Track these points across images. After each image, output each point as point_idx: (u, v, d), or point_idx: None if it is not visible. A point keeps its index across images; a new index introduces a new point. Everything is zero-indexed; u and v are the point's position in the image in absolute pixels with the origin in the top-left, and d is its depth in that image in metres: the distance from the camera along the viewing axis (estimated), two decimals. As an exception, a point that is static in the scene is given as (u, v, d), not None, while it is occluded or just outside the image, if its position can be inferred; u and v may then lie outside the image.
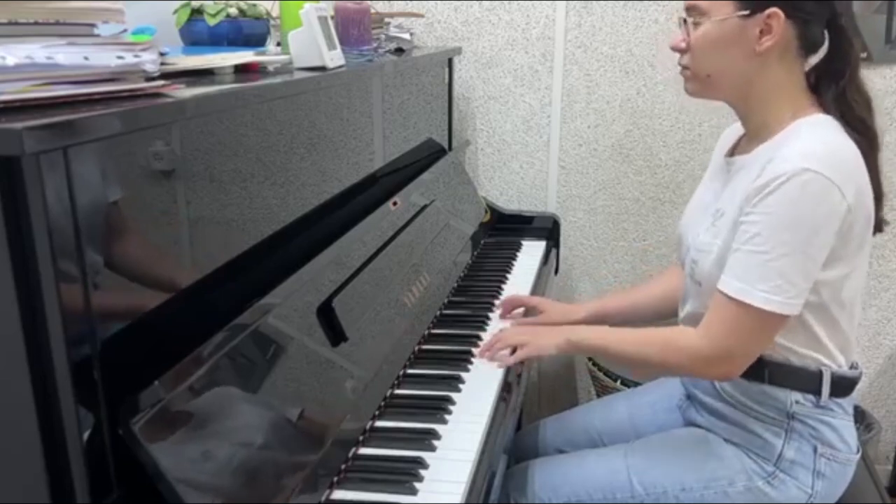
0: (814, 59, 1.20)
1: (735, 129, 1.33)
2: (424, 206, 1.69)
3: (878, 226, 1.20)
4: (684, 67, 1.21)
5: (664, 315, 1.50)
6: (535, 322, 1.54)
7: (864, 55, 1.99)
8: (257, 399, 0.96)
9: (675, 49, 1.21)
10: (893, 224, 2.12)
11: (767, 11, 1.11)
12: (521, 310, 1.60)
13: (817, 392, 1.19)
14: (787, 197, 1.07)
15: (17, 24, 0.74)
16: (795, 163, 1.07)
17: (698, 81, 1.21)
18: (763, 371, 1.20)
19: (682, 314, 1.34)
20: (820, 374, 1.19)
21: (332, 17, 1.43)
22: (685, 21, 1.19)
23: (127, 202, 0.81)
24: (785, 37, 1.13)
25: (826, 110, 1.16)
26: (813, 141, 1.11)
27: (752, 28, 1.13)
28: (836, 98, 1.16)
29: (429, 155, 1.95)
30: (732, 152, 1.29)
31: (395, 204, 1.55)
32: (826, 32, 1.17)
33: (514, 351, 1.38)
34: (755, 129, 1.22)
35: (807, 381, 1.19)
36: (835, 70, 1.17)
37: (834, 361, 1.20)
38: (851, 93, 1.16)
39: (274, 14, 1.54)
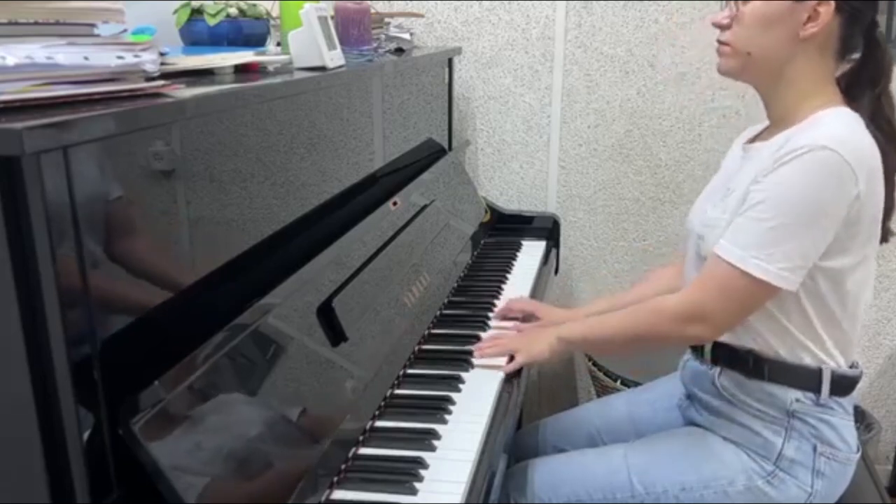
0: (843, 68, 1.21)
1: (756, 127, 1.34)
2: (424, 206, 1.69)
3: (884, 235, 1.20)
4: (723, 44, 1.22)
5: None
6: (531, 327, 1.54)
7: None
8: (257, 399, 0.96)
9: (717, 25, 1.22)
10: (892, 224, 2.13)
11: None
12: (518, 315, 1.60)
13: (817, 390, 1.19)
14: (800, 170, 1.08)
15: (17, 24, 0.74)
16: (815, 140, 1.08)
17: (737, 58, 1.20)
18: (763, 368, 1.20)
19: None
20: (819, 372, 1.19)
21: (332, 17, 1.43)
22: None
23: (127, 202, 0.81)
24: (828, 29, 1.15)
25: (857, 111, 1.17)
26: (833, 125, 1.12)
27: (801, 12, 1.14)
28: (870, 102, 1.18)
29: (429, 155, 1.95)
30: (753, 142, 1.29)
31: (395, 204, 1.56)
32: (862, 40, 1.18)
33: (511, 359, 1.38)
34: (778, 117, 1.23)
35: (806, 378, 1.19)
36: (870, 77, 1.19)
37: (832, 358, 1.20)
38: (885, 99, 1.19)
39: (274, 14, 1.54)
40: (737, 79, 1.25)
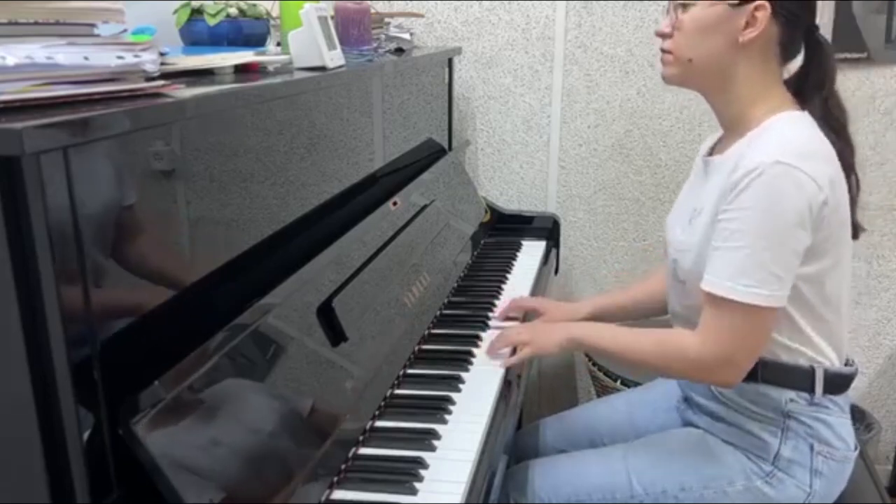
0: (790, 69, 1.22)
1: (712, 139, 1.35)
2: (424, 206, 1.69)
3: (855, 232, 1.21)
4: (665, 52, 1.23)
5: (663, 311, 1.51)
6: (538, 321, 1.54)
7: (863, 55, 2.00)
8: (257, 399, 0.96)
9: (660, 34, 1.24)
10: (892, 224, 2.13)
11: (755, 3, 1.14)
12: (519, 315, 1.59)
13: (811, 390, 1.19)
14: (762, 191, 1.08)
15: (17, 24, 0.74)
16: (768, 156, 1.08)
17: (679, 65, 1.22)
18: (756, 370, 1.20)
19: (670, 312, 1.35)
20: (812, 372, 1.19)
21: (332, 17, 1.43)
22: (674, 7, 1.21)
23: (127, 202, 0.81)
24: (767, 33, 1.16)
25: (810, 112, 1.18)
26: (785, 135, 1.13)
27: (739, 18, 1.15)
28: (819, 105, 1.19)
29: (429, 155, 1.95)
30: (711, 152, 1.30)
31: (395, 204, 1.56)
32: (804, 44, 1.20)
33: (514, 351, 1.38)
34: (729, 124, 1.24)
35: (800, 378, 1.20)
36: (816, 80, 1.20)
37: (825, 357, 1.20)
38: (833, 103, 1.19)
39: (274, 14, 1.54)
40: (682, 86, 1.27)
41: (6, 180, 0.64)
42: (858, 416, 2.13)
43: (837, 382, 1.21)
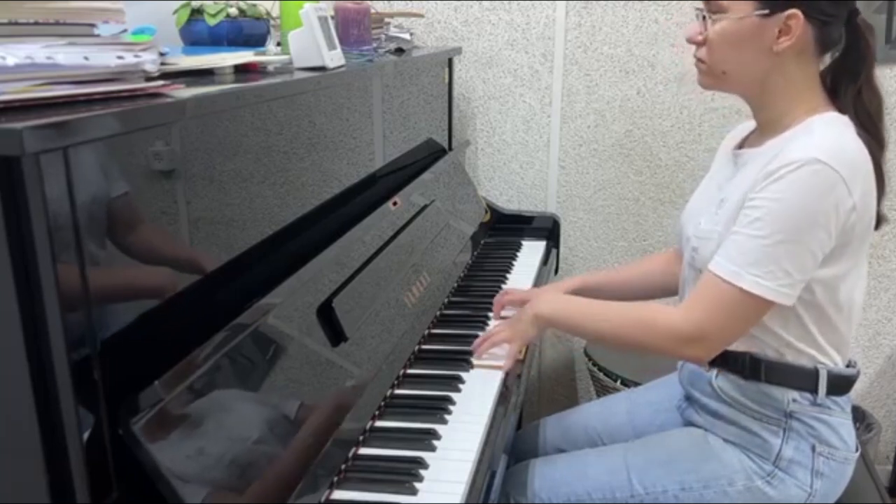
0: (828, 58, 1.20)
1: (743, 127, 1.33)
2: (424, 206, 1.69)
3: (878, 222, 1.20)
4: (699, 60, 1.21)
5: (652, 294, 1.50)
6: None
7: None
8: (257, 399, 0.96)
9: (691, 41, 1.20)
10: (893, 224, 2.13)
11: (787, 12, 1.11)
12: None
13: (814, 390, 1.19)
14: (794, 185, 1.07)
15: (17, 24, 0.75)
16: (806, 153, 1.07)
17: (713, 76, 1.20)
18: (759, 369, 1.20)
19: (680, 301, 1.35)
20: (816, 373, 1.19)
21: (332, 17, 1.43)
22: (703, 16, 1.18)
23: (127, 202, 0.81)
24: (803, 37, 1.13)
25: (841, 109, 1.17)
26: (826, 136, 1.11)
27: (771, 28, 1.12)
28: (853, 97, 1.16)
29: (429, 155, 1.95)
30: (741, 146, 1.29)
31: (395, 204, 1.56)
32: (844, 31, 1.16)
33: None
34: (767, 124, 1.22)
35: (803, 379, 1.19)
36: (851, 69, 1.17)
37: (829, 359, 1.20)
38: (867, 92, 1.17)
39: (274, 14, 1.54)
40: (717, 91, 1.25)
41: (6, 180, 0.64)
42: (858, 417, 2.13)
43: (840, 384, 1.21)
